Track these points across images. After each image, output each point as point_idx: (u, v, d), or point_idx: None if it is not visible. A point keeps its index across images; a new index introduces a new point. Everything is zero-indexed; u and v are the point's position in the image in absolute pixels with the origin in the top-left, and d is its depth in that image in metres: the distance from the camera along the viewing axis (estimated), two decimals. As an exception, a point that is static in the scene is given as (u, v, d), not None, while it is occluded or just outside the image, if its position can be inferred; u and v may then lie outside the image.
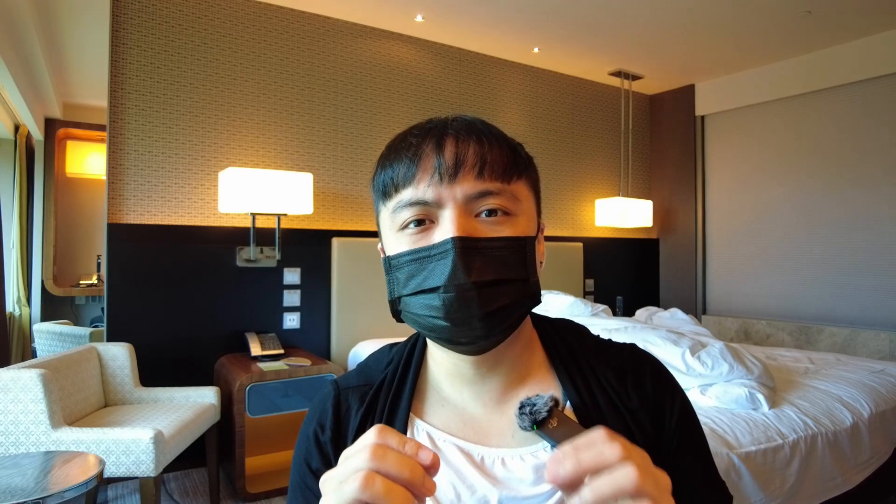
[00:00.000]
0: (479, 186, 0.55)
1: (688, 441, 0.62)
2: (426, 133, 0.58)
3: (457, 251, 0.53)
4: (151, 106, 2.81)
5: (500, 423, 0.60)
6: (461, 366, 0.61)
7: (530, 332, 0.65)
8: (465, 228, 0.54)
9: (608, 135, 4.51)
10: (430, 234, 0.56)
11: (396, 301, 0.59)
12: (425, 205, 0.56)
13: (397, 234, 0.58)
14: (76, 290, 4.67)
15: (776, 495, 1.73)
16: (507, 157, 0.58)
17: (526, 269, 0.57)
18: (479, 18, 3.32)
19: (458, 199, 0.55)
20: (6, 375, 1.94)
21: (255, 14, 3.08)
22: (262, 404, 2.52)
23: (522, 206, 0.59)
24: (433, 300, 0.54)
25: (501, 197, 0.56)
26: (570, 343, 0.66)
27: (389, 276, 0.59)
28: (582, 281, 4.21)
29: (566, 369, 0.63)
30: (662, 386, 0.63)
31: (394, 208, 0.57)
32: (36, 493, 1.53)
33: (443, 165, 0.55)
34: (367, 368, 0.69)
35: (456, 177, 0.55)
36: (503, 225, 0.56)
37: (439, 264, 0.54)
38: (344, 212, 3.34)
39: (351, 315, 3.20)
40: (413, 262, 0.56)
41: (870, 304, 3.56)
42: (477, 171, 0.56)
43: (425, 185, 0.55)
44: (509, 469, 0.57)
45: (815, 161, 3.83)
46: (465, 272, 0.53)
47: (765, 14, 3.21)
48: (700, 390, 2.10)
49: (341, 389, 0.66)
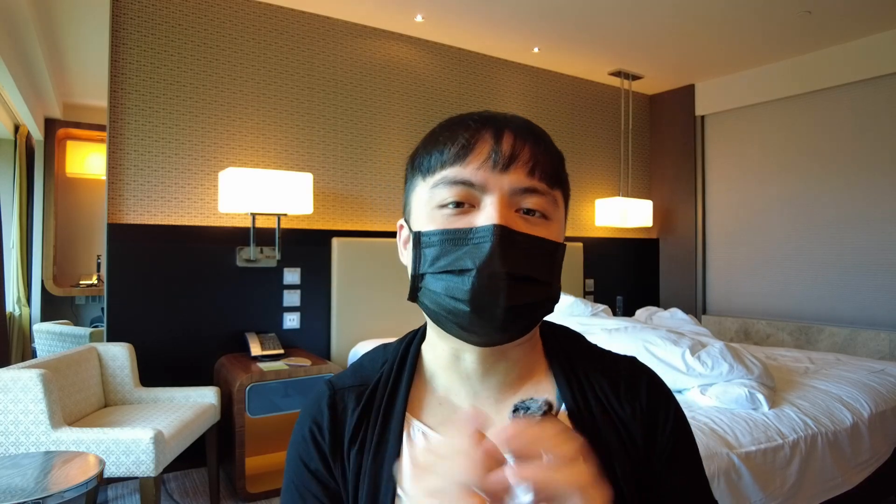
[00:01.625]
0: (528, 182, 0.56)
1: (679, 453, 0.62)
2: (486, 121, 0.58)
3: (497, 238, 0.53)
4: (151, 106, 2.81)
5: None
6: (463, 358, 0.61)
7: (535, 335, 0.65)
8: (507, 219, 0.54)
9: (608, 135, 4.51)
10: (468, 217, 0.56)
11: (419, 278, 0.58)
12: (470, 186, 0.55)
13: (433, 210, 0.57)
14: (76, 290, 4.67)
15: (776, 495, 1.73)
16: (555, 163, 0.59)
17: (553, 273, 0.58)
18: (479, 18, 3.32)
19: (505, 190, 0.55)
20: (6, 375, 1.94)
21: (255, 14, 3.08)
22: (262, 404, 2.52)
23: (558, 214, 0.59)
24: (461, 283, 0.53)
25: (545, 198, 0.57)
26: (568, 349, 0.66)
27: (417, 251, 0.58)
28: (582, 281, 4.21)
29: (563, 374, 0.63)
30: (657, 398, 0.63)
31: (435, 184, 0.57)
32: (36, 494, 1.53)
33: (499, 154, 0.56)
34: (362, 368, 0.68)
35: (508, 168, 0.55)
36: (540, 226, 0.57)
37: (476, 248, 0.53)
38: (344, 212, 3.34)
39: (351, 315, 3.20)
40: (447, 241, 0.55)
41: (870, 304, 3.56)
42: (529, 168, 0.56)
43: (475, 167, 0.55)
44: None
45: (816, 161, 3.83)
46: (501, 261, 0.53)
47: (765, 14, 3.21)
48: (700, 390, 2.10)
49: (336, 389, 0.65)
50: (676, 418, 0.63)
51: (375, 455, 0.59)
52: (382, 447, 0.60)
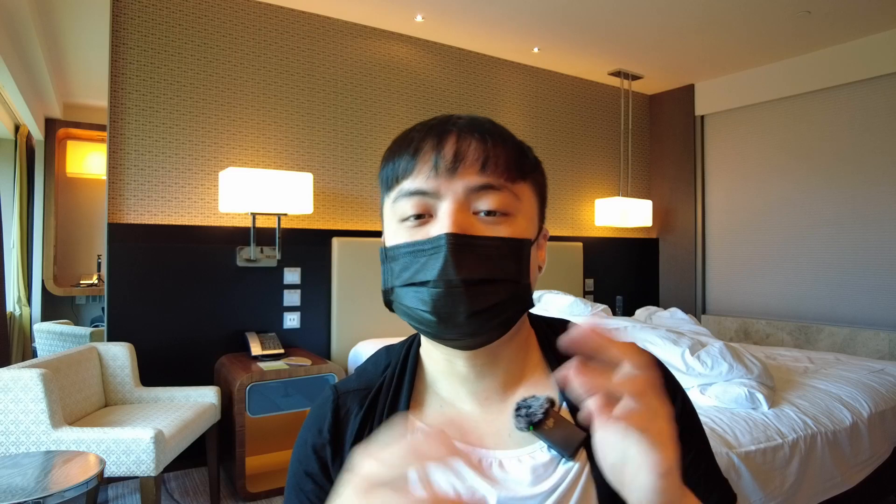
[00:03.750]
0: (481, 180, 0.55)
1: (689, 439, 0.61)
2: (429, 129, 0.58)
3: (449, 247, 0.53)
4: (151, 106, 2.81)
5: (497, 424, 0.60)
6: (456, 363, 0.61)
7: (527, 331, 0.65)
8: (462, 225, 0.54)
9: (608, 135, 4.51)
10: (427, 228, 0.56)
11: (389, 291, 0.59)
12: (423, 195, 0.56)
13: (397, 225, 0.58)
14: (76, 290, 4.67)
15: (776, 495, 1.74)
16: (511, 156, 0.58)
17: (519, 271, 0.57)
18: (479, 18, 3.32)
19: (458, 193, 0.55)
20: (6, 375, 1.94)
21: (255, 14, 3.08)
22: (262, 404, 2.52)
23: (523, 207, 0.58)
24: (422, 294, 0.54)
25: (502, 194, 0.56)
26: None
27: (385, 265, 0.59)
28: (582, 281, 4.21)
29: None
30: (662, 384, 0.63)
31: (395, 198, 0.58)
32: (36, 493, 1.53)
33: (441, 160, 0.55)
34: (366, 372, 0.69)
35: (456, 170, 0.55)
36: (501, 225, 0.56)
37: (431, 259, 0.54)
38: (344, 212, 3.34)
39: (351, 315, 3.20)
40: (408, 254, 0.56)
41: (869, 303, 3.56)
42: (479, 165, 0.56)
43: (424, 175, 0.56)
44: (507, 471, 0.58)
45: (815, 161, 3.83)
46: (455, 269, 0.53)
47: (765, 14, 3.21)
48: (700, 390, 2.10)
49: (340, 393, 0.66)
50: (683, 404, 0.63)
51: None
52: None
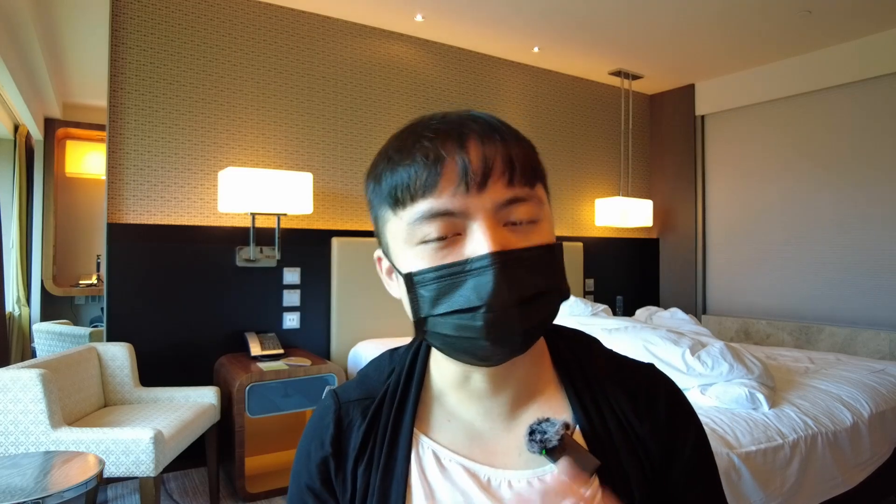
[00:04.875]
0: (509, 194, 0.51)
1: (700, 473, 0.60)
2: (444, 133, 0.52)
3: (497, 267, 0.48)
4: (151, 106, 2.81)
5: (507, 441, 0.58)
6: (472, 378, 0.58)
7: (541, 343, 0.62)
8: (500, 241, 0.50)
9: (608, 135, 4.51)
10: (458, 248, 0.51)
11: (423, 321, 0.53)
12: (451, 216, 0.50)
13: (415, 247, 0.52)
14: (76, 290, 4.67)
15: (776, 495, 1.73)
16: (529, 160, 0.54)
17: (561, 277, 0.54)
18: (479, 18, 3.32)
19: (489, 209, 0.50)
20: (6, 375, 1.94)
21: (255, 14, 3.07)
22: (261, 404, 2.52)
23: (545, 212, 0.55)
24: (472, 320, 0.49)
25: (529, 204, 0.52)
26: (580, 356, 0.63)
27: (412, 294, 0.52)
28: (582, 281, 4.21)
29: (575, 389, 0.60)
30: (677, 413, 0.61)
31: (412, 220, 0.51)
32: (36, 493, 1.53)
33: (470, 172, 0.50)
34: (368, 378, 0.66)
35: (486, 185, 0.50)
36: (533, 233, 0.52)
37: (477, 281, 0.49)
38: (344, 212, 3.33)
39: (351, 315, 3.19)
40: (442, 279, 0.50)
41: (870, 303, 3.56)
42: (507, 177, 0.51)
43: (449, 194, 0.50)
44: (516, 491, 0.56)
45: (816, 161, 3.83)
46: (508, 289, 0.49)
47: (764, 14, 3.21)
48: (700, 390, 2.10)
49: (342, 402, 0.63)
50: (697, 435, 0.61)
51: (384, 473, 0.57)
52: (391, 465, 0.58)
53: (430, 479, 0.57)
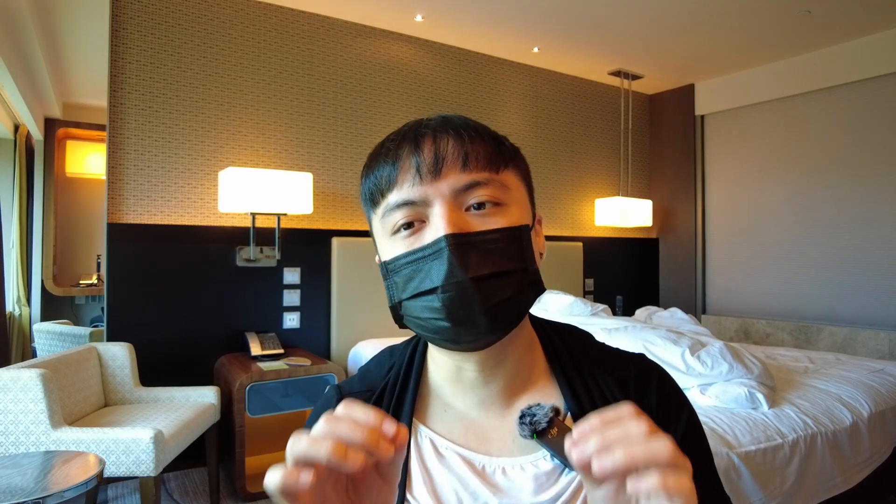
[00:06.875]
0: (466, 178, 0.55)
1: (692, 457, 0.61)
2: (402, 136, 0.57)
3: (450, 248, 0.52)
4: (151, 106, 2.81)
5: (502, 429, 0.60)
6: (464, 368, 0.60)
7: (531, 334, 0.64)
8: (457, 224, 0.53)
9: (608, 134, 4.51)
10: (422, 235, 0.55)
11: (398, 306, 0.58)
12: (412, 205, 0.55)
13: (390, 238, 0.57)
14: (76, 290, 4.67)
15: (776, 495, 1.74)
16: (490, 148, 0.57)
17: (524, 258, 0.56)
18: (479, 18, 3.32)
19: (446, 194, 0.54)
20: (6, 375, 1.94)
21: (255, 14, 3.08)
22: (261, 404, 2.52)
23: (513, 196, 0.58)
24: (433, 301, 0.53)
25: (490, 187, 0.55)
26: (572, 348, 0.65)
27: (388, 281, 0.58)
28: (582, 280, 4.21)
29: (566, 376, 0.62)
30: (668, 398, 0.62)
31: (382, 213, 0.57)
32: (36, 493, 1.53)
33: (422, 163, 0.55)
34: (369, 373, 0.68)
35: (438, 173, 0.54)
36: (495, 216, 0.55)
37: (435, 264, 0.53)
38: (344, 212, 3.34)
39: (351, 315, 3.20)
40: (409, 264, 0.55)
41: (869, 303, 3.56)
42: (461, 163, 0.55)
43: (409, 185, 0.55)
44: (510, 478, 0.58)
45: (815, 161, 3.83)
46: (462, 268, 0.52)
47: (765, 14, 3.21)
48: (700, 390, 2.10)
49: (344, 395, 0.65)
50: (689, 419, 0.62)
51: None
52: None
53: (428, 467, 0.60)
